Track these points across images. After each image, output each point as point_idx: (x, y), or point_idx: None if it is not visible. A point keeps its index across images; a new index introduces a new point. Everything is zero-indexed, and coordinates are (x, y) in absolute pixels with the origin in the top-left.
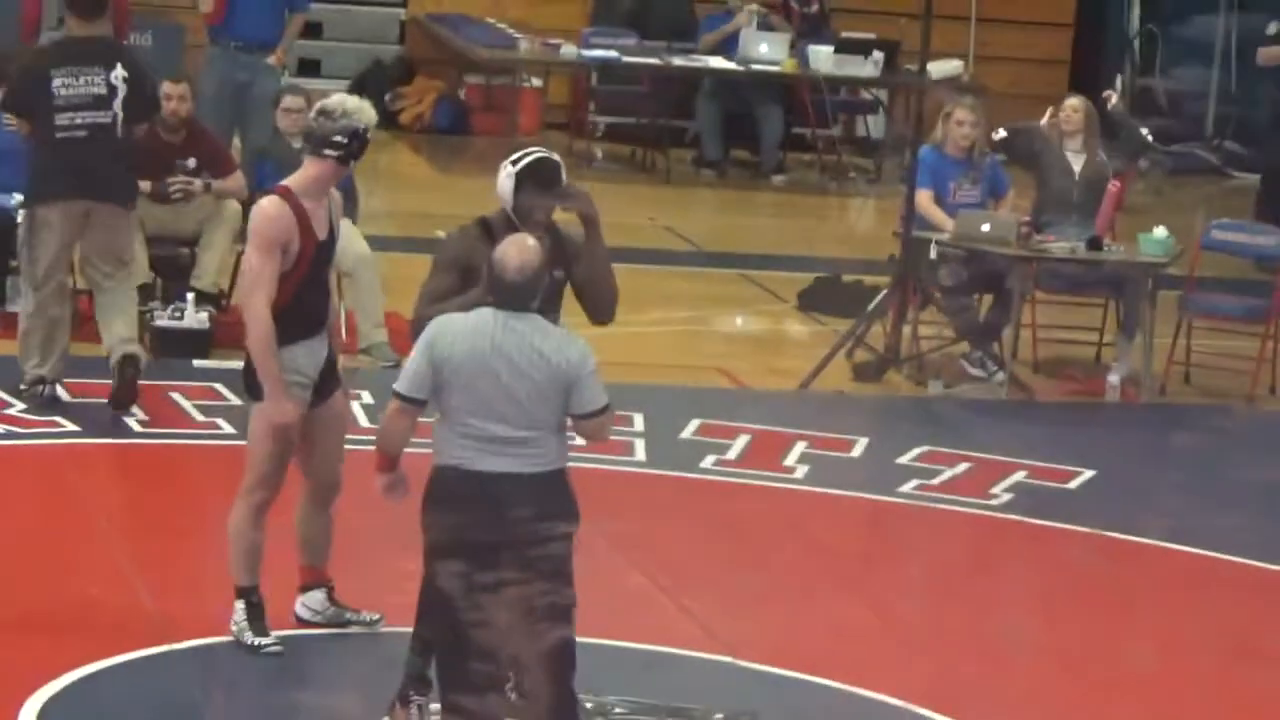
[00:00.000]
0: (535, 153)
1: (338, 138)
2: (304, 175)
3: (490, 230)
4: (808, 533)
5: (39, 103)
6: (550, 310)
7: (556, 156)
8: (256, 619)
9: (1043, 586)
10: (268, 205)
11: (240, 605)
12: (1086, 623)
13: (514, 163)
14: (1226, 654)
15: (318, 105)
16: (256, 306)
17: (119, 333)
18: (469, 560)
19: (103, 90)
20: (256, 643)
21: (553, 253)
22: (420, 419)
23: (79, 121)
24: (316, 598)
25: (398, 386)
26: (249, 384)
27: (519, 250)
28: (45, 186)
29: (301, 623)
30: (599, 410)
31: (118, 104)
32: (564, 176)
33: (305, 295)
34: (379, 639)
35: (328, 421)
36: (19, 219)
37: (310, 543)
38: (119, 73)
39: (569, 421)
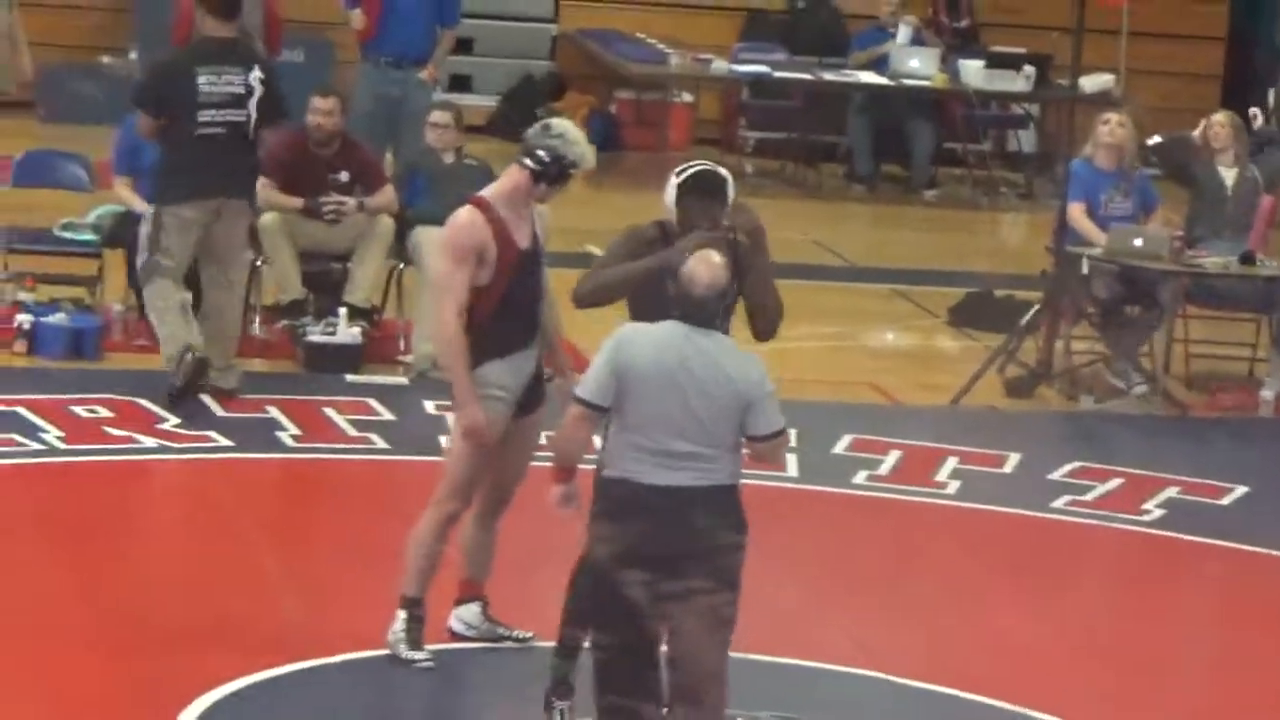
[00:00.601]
0: (699, 164)
1: (541, 153)
2: (501, 184)
3: (666, 234)
4: (960, 548)
5: (183, 100)
6: (722, 323)
7: (723, 171)
8: (415, 632)
9: (1197, 603)
10: (461, 213)
11: (402, 616)
12: (1241, 640)
13: (679, 174)
14: None
15: (546, 121)
16: (444, 314)
17: (221, 356)
18: (652, 569)
19: (241, 90)
20: (411, 656)
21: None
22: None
23: (218, 119)
24: (472, 611)
25: (580, 392)
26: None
27: (708, 267)
28: (183, 183)
29: (455, 637)
30: (776, 433)
31: (253, 104)
32: (730, 189)
33: (509, 308)
34: (531, 653)
35: (522, 435)
36: (147, 217)
37: (473, 556)
38: (256, 74)
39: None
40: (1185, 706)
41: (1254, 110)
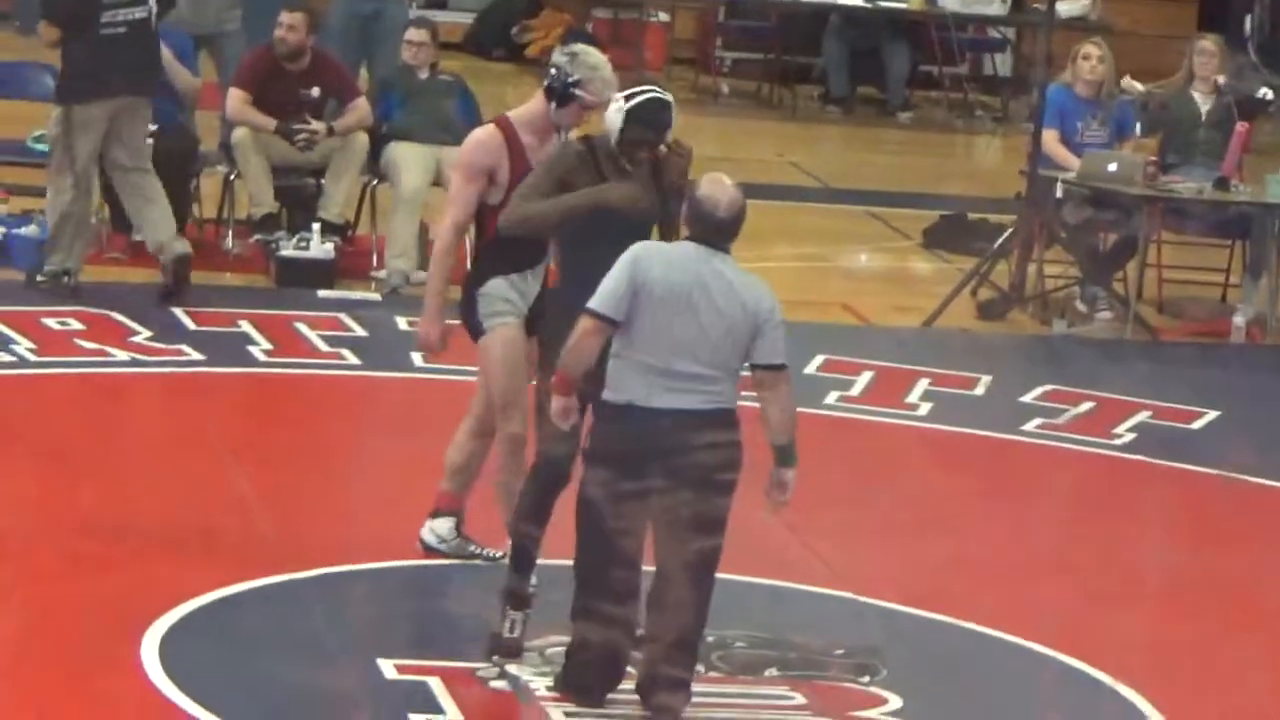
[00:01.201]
0: (648, 91)
1: (552, 70)
2: (527, 106)
3: (594, 152)
4: (931, 470)
5: (86, 4)
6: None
7: (669, 97)
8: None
9: (1165, 527)
10: (478, 131)
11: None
12: (1211, 563)
13: (626, 98)
14: None
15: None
16: (442, 226)
17: (165, 229)
18: (616, 469)
19: None
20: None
21: (651, 186)
22: None
23: (120, 19)
24: (446, 525)
25: (593, 305)
26: (468, 316)
27: (725, 190)
28: (89, 84)
29: (426, 550)
30: (780, 365)
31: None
32: (673, 117)
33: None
34: (501, 570)
35: (528, 355)
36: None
37: (458, 470)
38: None
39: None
40: (1152, 629)
41: (1265, 90)
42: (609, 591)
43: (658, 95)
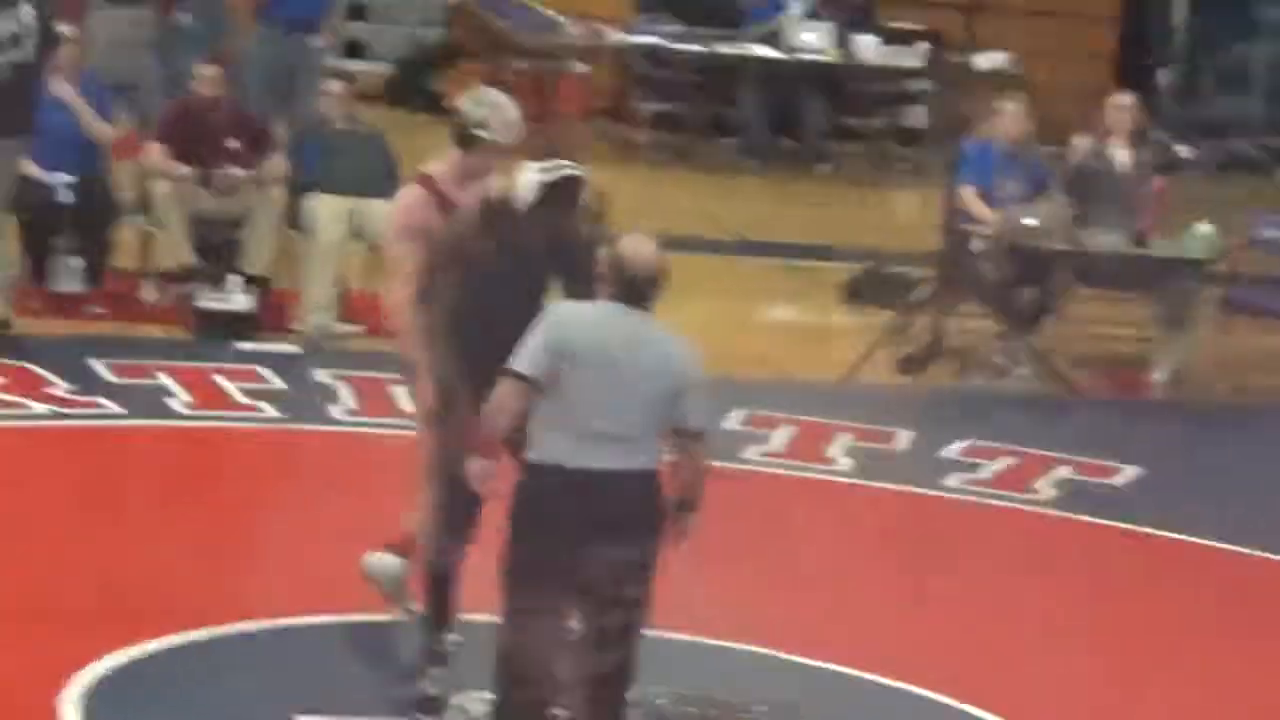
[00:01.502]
0: (561, 168)
1: (457, 117)
2: (442, 161)
3: (494, 217)
4: (850, 526)
5: None
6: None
7: (582, 175)
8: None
9: (1086, 583)
10: (404, 193)
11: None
12: (1129, 619)
13: (541, 170)
14: (1274, 651)
15: None
16: (396, 296)
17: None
18: (540, 530)
19: (15, 29)
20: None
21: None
22: None
23: (3, 61)
24: (395, 565)
25: (515, 365)
26: (408, 380)
27: (646, 249)
28: None
29: (367, 577)
30: (701, 431)
31: (30, 43)
32: (581, 197)
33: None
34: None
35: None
36: (65, 199)
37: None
38: (27, 9)
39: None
40: (1068, 684)
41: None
42: (532, 657)
43: (571, 173)
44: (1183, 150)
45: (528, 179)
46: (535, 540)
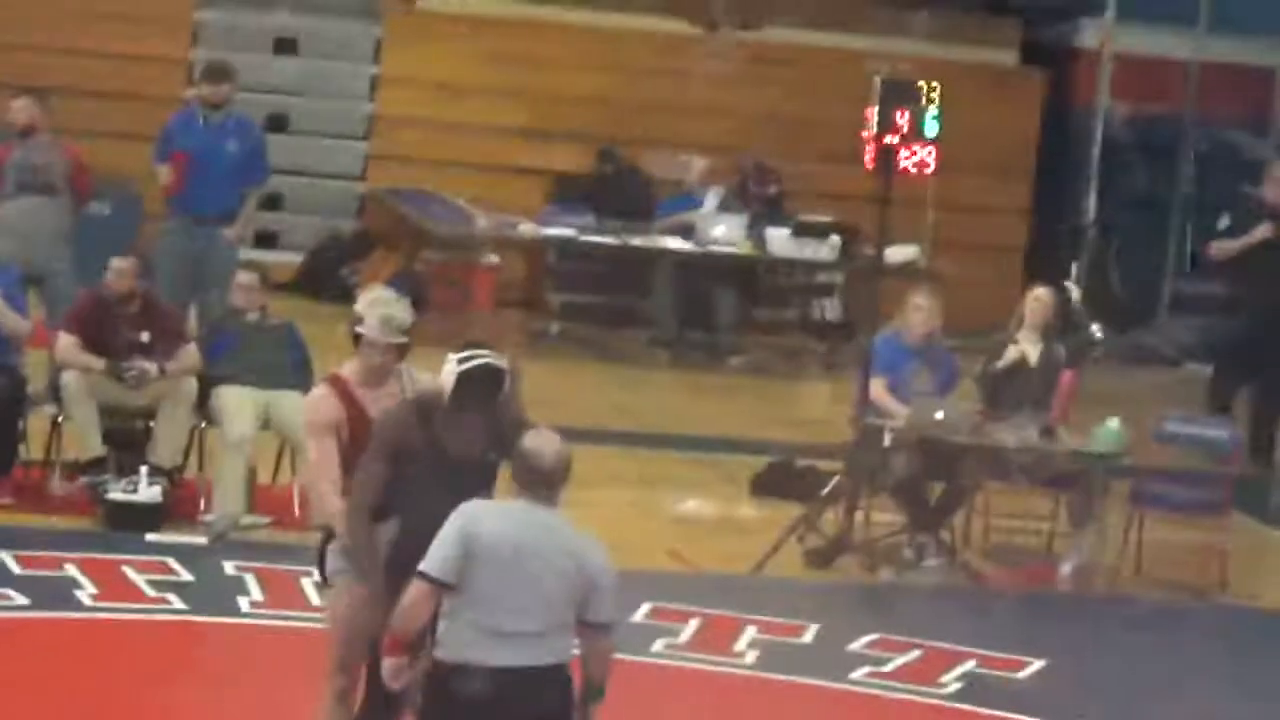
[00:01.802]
0: (479, 356)
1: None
2: (353, 360)
3: (425, 412)
4: (759, 719)
5: None
6: (486, 490)
7: (502, 363)
8: None
9: None
10: (314, 392)
11: None
12: None
13: (460, 360)
14: None
15: None
16: (321, 492)
17: None
18: None
19: None
20: None
21: (490, 436)
22: None
23: None
24: None
25: (425, 568)
26: (321, 566)
27: (549, 441)
28: None
29: None
30: (609, 624)
31: None
32: (504, 381)
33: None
34: None
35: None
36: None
37: None
38: None
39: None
40: None
41: (1068, 284)
42: None
43: (489, 363)
44: (1097, 332)
45: (446, 370)
46: None
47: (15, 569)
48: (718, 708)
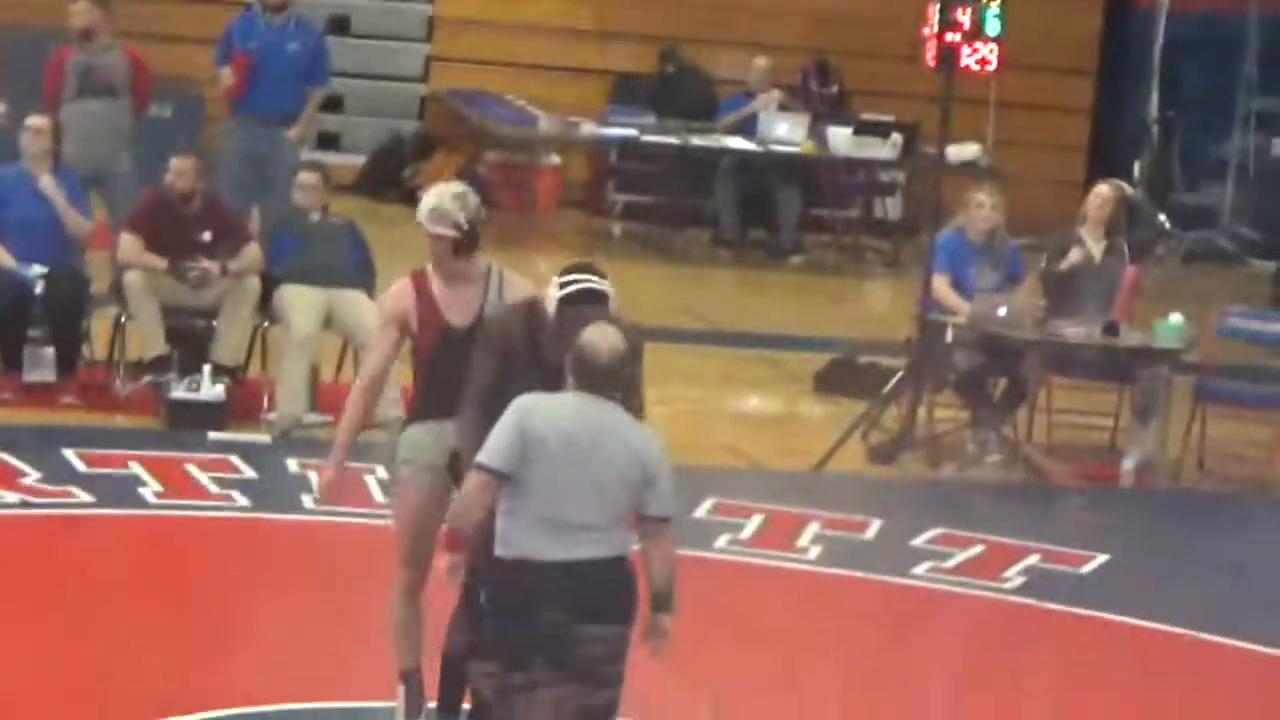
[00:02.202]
0: (581, 281)
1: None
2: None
3: (536, 317)
4: (821, 615)
5: None
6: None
7: (603, 286)
8: (411, 703)
9: (1053, 670)
10: (395, 284)
11: (400, 689)
12: (1097, 708)
13: (562, 284)
14: None
15: None
16: (361, 374)
17: None
18: (512, 625)
19: None
20: None
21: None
22: None
23: None
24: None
25: (482, 458)
26: (387, 462)
27: (606, 337)
28: None
29: None
30: (666, 517)
31: None
32: (610, 305)
33: (434, 377)
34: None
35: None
36: (37, 289)
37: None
38: None
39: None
40: None
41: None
42: None
43: (591, 286)
44: (1164, 221)
45: (550, 293)
46: (513, 633)
47: (80, 467)
48: (781, 603)
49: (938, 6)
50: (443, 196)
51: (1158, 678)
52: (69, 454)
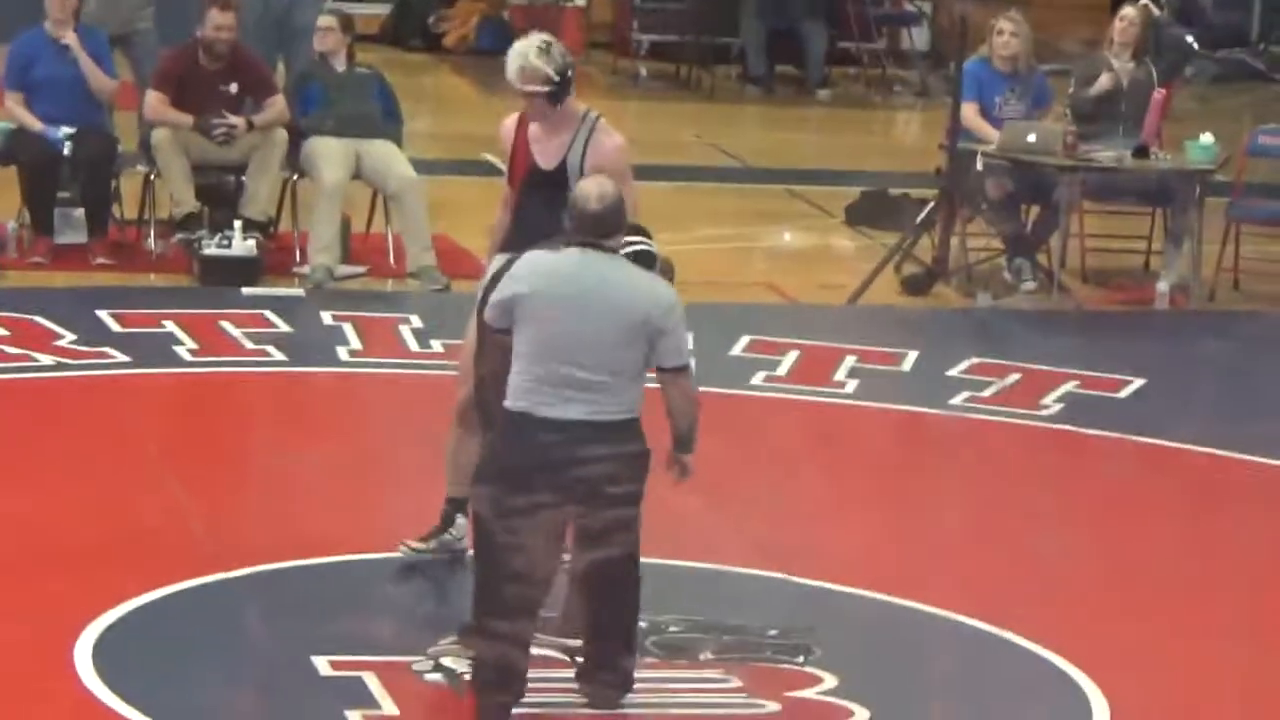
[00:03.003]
0: (636, 244)
1: None
2: None
3: None
4: (859, 448)
5: None
6: None
7: (655, 248)
8: (436, 529)
9: (1094, 496)
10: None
11: (458, 518)
12: (1136, 531)
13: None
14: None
15: None
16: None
17: None
18: (505, 480)
19: None
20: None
21: None
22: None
23: None
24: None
25: (486, 316)
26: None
27: (597, 183)
28: None
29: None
30: (680, 367)
31: None
32: (658, 267)
33: (521, 214)
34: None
35: None
36: (65, 150)
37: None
38: None
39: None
40: (1077, 598)
41: (1188, 37)
42: (503, 608)
43: (645, 249)
44: (1191, 41)
45: None
46: (501, 493)
47: (115, 327)
48: (819, 437)
49: None
50: (527, 54)
51: (1200, 500)
52: (103, 315)
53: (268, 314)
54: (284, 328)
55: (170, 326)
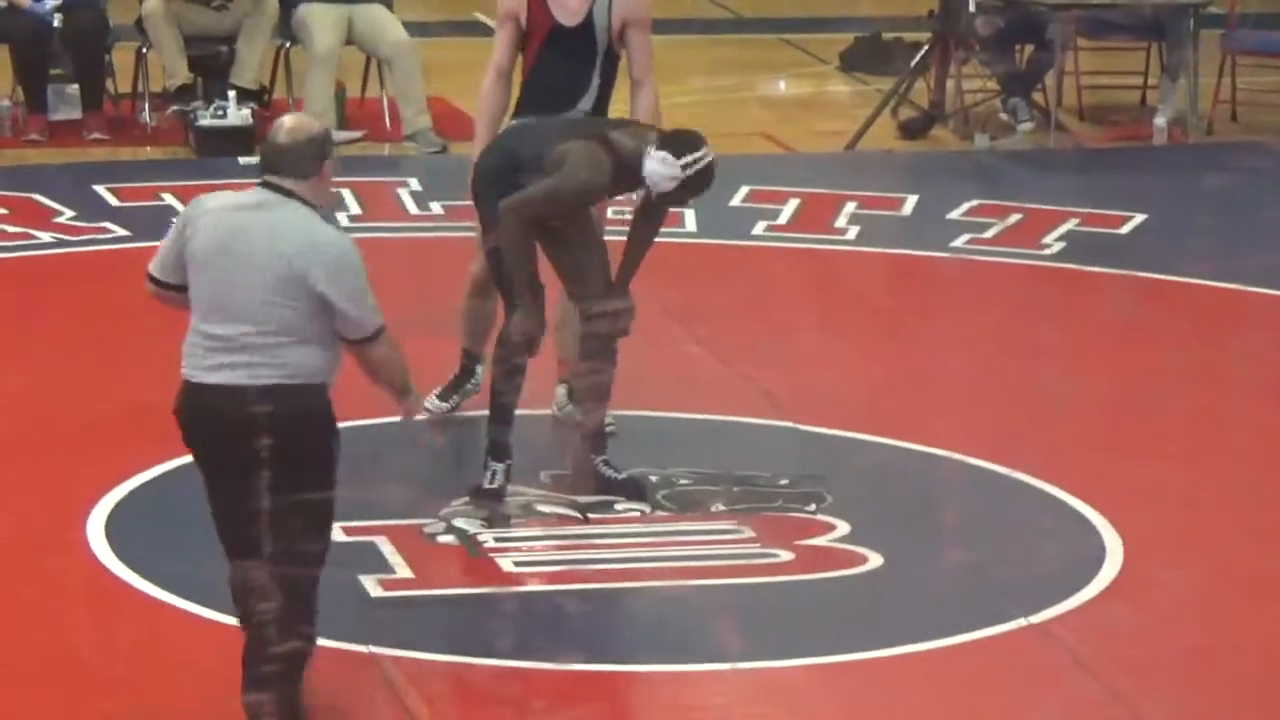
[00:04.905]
0: (704, 157)
1: None
2: None
3: (617, 155)
4: (863, 293)
5: None
6: None
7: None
8: (456, 385)
9: (1099, 333)
10: None
11: (478, 368)
12: (1142, 365)
13: (684, 165)
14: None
15: None
16: (487, 74)
17: None
18: (190, 445)
19: None
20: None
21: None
22: None
23: None
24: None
25: (149, 266)
26: None
27: (294, 117)
28: None
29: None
30: (366, 338)
31: None
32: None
33: (538, 77)
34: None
35: None
36: (55, 24)
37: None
38: None
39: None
40: (1083, 436)
41: None
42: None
43: (713, 160)
44: None
45: (665, 171)
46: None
47: (113, 201)
48: (823, 283)
49: None
50: None
51: (1204, 332)
52: (100, 189)
53: None
54: None
55: (168, 199)
